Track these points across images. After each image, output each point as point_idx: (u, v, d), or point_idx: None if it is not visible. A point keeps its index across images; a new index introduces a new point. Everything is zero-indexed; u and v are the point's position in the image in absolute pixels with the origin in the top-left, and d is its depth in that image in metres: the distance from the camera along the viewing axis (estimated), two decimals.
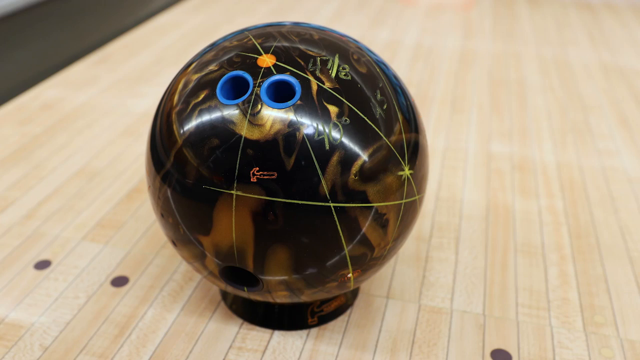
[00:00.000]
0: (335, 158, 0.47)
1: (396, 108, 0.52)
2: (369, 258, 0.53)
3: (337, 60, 0.51)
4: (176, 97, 0.52)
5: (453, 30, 1.56)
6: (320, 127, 0.47)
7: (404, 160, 0.51)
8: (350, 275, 0.53)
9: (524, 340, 0.62)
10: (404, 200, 0.52)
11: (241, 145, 0.47)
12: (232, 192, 0.47)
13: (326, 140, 0.47)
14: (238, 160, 0.47)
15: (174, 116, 0.51)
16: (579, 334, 0.63)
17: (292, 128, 0.47)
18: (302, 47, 0.51)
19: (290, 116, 0.47)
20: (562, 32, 1.57)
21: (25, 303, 0.65)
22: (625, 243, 0.76)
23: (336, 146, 0.47)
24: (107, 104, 1.09)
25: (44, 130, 1.00)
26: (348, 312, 0.65)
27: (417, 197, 0.54)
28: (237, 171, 0.47)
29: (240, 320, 0.63)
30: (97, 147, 0.95)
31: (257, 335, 0.61)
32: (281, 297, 0.55)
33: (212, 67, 0.51)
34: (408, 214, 0.53)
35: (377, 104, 0.50)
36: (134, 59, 1.30)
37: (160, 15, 1.60)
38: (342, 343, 0.61)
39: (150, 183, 0.54)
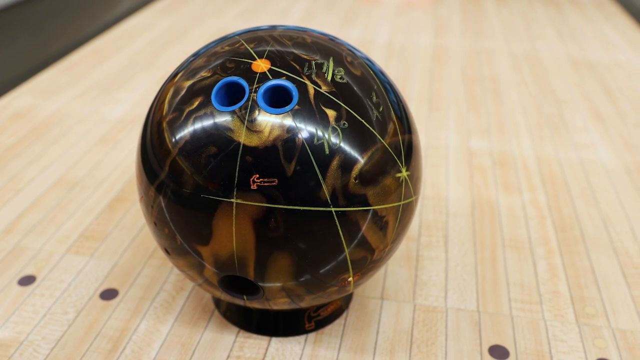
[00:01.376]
0: (335, 162, 0.47)
1: (391, 109, 0.52)
2: (369, 261, 0.52)
3: (332, 64, 0.50)
4: (166, 106, 0.51)
5: (423, 28, 1.57)
6: (319, 132, 0.47)
7: (401, 162, 0.51)
8: (350, 279, 0.53)
9: (520, 335, 0.62)
10: (402, 202, 0.52)
11: (240, 152, 0.46)
12: (231, 200, 0.46)
13: (325, 144, 0.47)
14: (237, 168, 0.46)
15: (165, 125, 0.50)
16: (572, 326, 0.64)
17: (291, 133, 0.46)
18: (296, 51, 0.50)
19: (289, 121, 0.47)
20: (530, 27, 1.60)
21: (12, 321, 0.63)
22: (609, 234, 0.78)
23: (336, 150, 0.47)
24: (81, 112, 1.07)
25: (18, 141, 0.97)
26: (344, 315, 0.64)
27: (413, 197, 0.54)
28: (236, 179, 0.46)
29: (235, 329, 0.62)
30: (74, 156, 0.93)
31: (255, 343, 0.60)
32: (280, 304, 0.54)
33: (204, 73, 0.50)
34: (405, 215, 0.53)
35: (373, 106, 0.50)
36: (104, 64, 1.28)
37: (128, 19, 1.57)
38: (341, 347, 0.60)
39: (143, 194, 0.52)
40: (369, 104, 0.50)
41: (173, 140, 0.49)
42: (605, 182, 0.89)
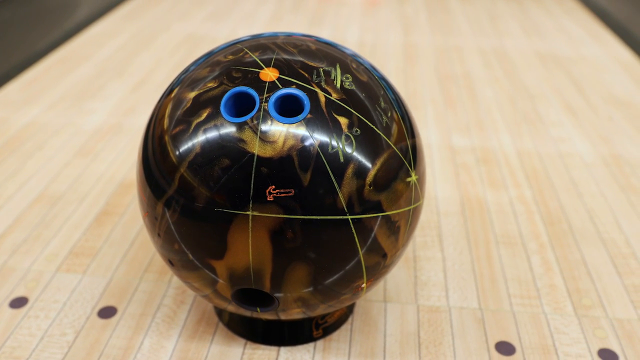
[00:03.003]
0: (350, 170, 0.47)
1: (398, 114, 0.52)
2: (382, 266, 0.52)
3: (339, 70, 0.50)
4: (167, 120, 0.50)
5: (392, 26, 1.58)
6: (333, 140, 0.46)
7: (410, 166, 0.51)
8: (364, 285, 0.53)
9: (523, 330, 0.63)
10: (412, 206, 0.52)
11: (254, 163, 0.45)
12: (247, 212, 0.46)
13: (340, 152, 0.47)
14: (252, 180, 0.45)
15: (168, 139, 0.49)
16: (571, 319, 0.65)
17: (305, 143, 0.46)
18: (302, 58, 0.50)
19: (302, 131, 0.46)
20: (495, 23, 1.63)
21: (8, 346, 0.60)
22: (595, 226, 0.80)
23: (350, 158, 0.47)
24: (55, 123, 1.03)
25: None
26: (349, 320, 0.64)
27: (421, 201, 0.54)
28: (252, 191, 0.45)
29: (242, 340, 0.61)
30: (53, 170, 0.90)
31: (264, 354, 0.60)
32: (294, 314, 0.54)
33: (210, 83, 0.49)
34: (415, 219, 0.54)
35: (382, 112, 0.50)
36: (72, 74, 1.24)
37: (92, 25, 1.53)
38: (351, 353, 0.60)
39: (149, 210, 0.51)
40: (378, 110, 0.50)
41: (180, 154, 0.48)
42: (586, 175, 0.92)
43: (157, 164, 0.50)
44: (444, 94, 1.19)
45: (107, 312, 0.65)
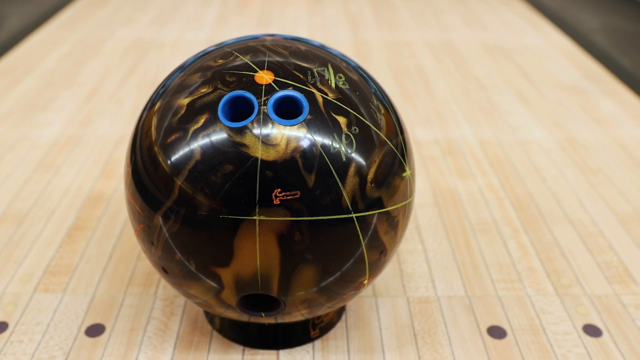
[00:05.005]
0: (352, 169, 0.47)
1: (389, 111, 0.53)
2: (382, 261, 0.53)
3: (332, 70, 0.50)
4: (154, 132, 0.49)
5: (340, 24, 1.59)
6: (334, 140, 0.47)
7: (404, 161, 0.52)
8: (366, 281, 0.53)
9: (511, 313, 0.66)
10: (408, 200, 0.53)
11: (258, 167, 0.45)
12: (254, 217, 0.45)
13: (342, 152, 0.47)
14: (257, 184, 0.45)
15: (157, 149, 0.48)
16: (553, 298, 0.68)
17: (308, 144, 0.46)
18: (294, 60, 0.50)
19: (304, 132, 0.46)
20: (438, 17, 1.66)
21: None
22: (562, 208, 0.84)
23: (351, 157, 0.47)
24: (8, 138, 0.99)
25: None
26: (343, 317, 0.65)
27: (414, 195, 0.55)
28: (257, 195, 0.45)
29: (240, 347, 0.61)
30: (14, 186, 0.86)
31: (264, 359, 0.59)
32: (299, 316, 0.53)
33: (204, 89, 0.48)
34: (409, 213, 0.55)
35: (375, 109, 0.51)
36: (17, 86, 1.19)
37: (29, 37, 1.47)
38: (350, 349, 0.61)
39: (146, 223, 0.50)
40: (372, 108, 0.50)
41: (178, 162, 0.47)
42: (546, 160, 0.96)
43: (150, 175, 0.49)
44: (400, 89, 1.21)
45: (95, 330, 0.62)
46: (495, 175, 0.91)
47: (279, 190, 0.45)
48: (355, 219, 0.48)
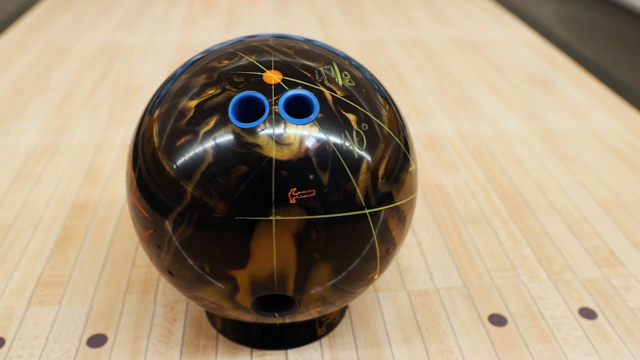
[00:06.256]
0: (364, 165, 0.47)
1: (391, 107, 0.53)
2: (391, 256, 0.54)
3: (337, 68, 0.50)
4: (156, 138, 0.48)
5: (309, 23, 1.59)
6: (346, 137, 0.47)
7: (410, 156, 0.53)
8: (376, 276, 0.54)
9: (509, 301, 0.67)
10: (414, 195, 0.54)
11: (273, 167, 0.45)
12: (270, 218, 0.45)
13: (353, 149, 0.47)
14: (273, 184, 0.45)
15: (164, 154, 0.48)
16: (548, 285, 0.70)
17: (321, 142, 0.46)
18: (300, 59, 0.50)
19: (316, 131, 0.46)
20: (406, 14, 1.68)
21: None
22: (546, 197, 0.86)
23: (362, 153, 0.48)
24: None
25: None
26: (347, 314, 0.65)
27: (418, 189, 0.56)
28: (273, 195, 0.45)
29: (248, 349, 0.60)
30: None
31: None
32: (313, 314, 0.54)
33: (211, 90, 0.48)
34: (414, 207, 0.55)
35: (381, 105, 0.51)
36: None
37: None
38: (357, 345, 0.61)
39: (155, 229, 0.49)
40: (378, 104, 0.51)
41: (190, 165, 0.46)
42: (526, 151, 0.98)
43: (158, 180, 0.48)
44: None
45: (97, 341, 0.61)
46: (478, 167, 0.93)
47: (295, 189, 0.45)
48: (368, 214, 0.48)
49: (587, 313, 0.66)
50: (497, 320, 0.65)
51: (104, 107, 1.10)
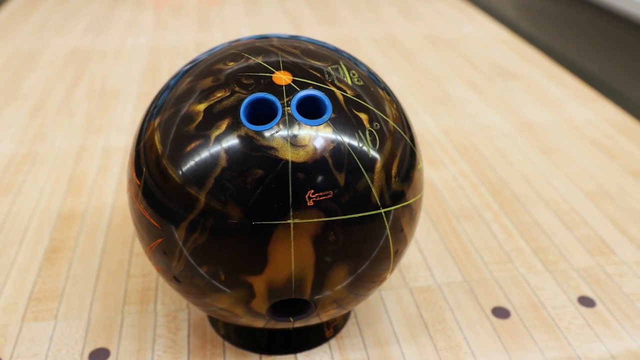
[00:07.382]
0: (378, 164, 0.47)
1: (396, 104, 0.53)
2: (401, 254, 0.54)
3: (345, 68, 0.50)
4: (160, 145, 0.47)
5: (282, 24, 1.58)
6: (359, 137, 0.47)
7: (418, 154, 0.53)
8: (388, 275, 0.54)
9: (510, 293, 0.68)
10: (422, 192, 0.54)
11: (290, 170, 0.44)
12: (288, 221, 0.44)
13: (367, 148, 0.47)
14: (290, 187, 0.44)
15: (171, 160, 0.46)
16: (545, 275, 0.71)
17: (335, 143, 0.46)
18: (308, 59, 0.49)
19: (330, 131, 0.46)
20: (376, 12, 1.69)
21: None
22: (533, 189, 0.87)
23: (376, 152, 0.47)
24: None
25: None
26: (352, 315, 0.65)
27: (424, 187, 0.56)
28: (290, 198, 0.44)
29: (256, 355, 0.59)
30: None
31: None
32: (325, 317, 0.53)
33: (220, 93, 0.47)
34: (422, 204, 0.55)
35: (388, 103, 0.51)
36: None
37: None
38: (366, 345, 0.61)
39: (165, 237, 0.48)
40: (386, 102, 0.51)
41: (202, 171, 0.45)
42: (509, 144, 0.99)
43: (167, 187, 0.47)
44: None
45: (99, 355, 0.59)
46: (465, 162, 0.94)
47: (312, 191, 0.44)
48: (383, 214, 0.48)
49: (586, 301, 0.67)
50: (501, 312, 0.65)
51: (80, 113, 1.07)
